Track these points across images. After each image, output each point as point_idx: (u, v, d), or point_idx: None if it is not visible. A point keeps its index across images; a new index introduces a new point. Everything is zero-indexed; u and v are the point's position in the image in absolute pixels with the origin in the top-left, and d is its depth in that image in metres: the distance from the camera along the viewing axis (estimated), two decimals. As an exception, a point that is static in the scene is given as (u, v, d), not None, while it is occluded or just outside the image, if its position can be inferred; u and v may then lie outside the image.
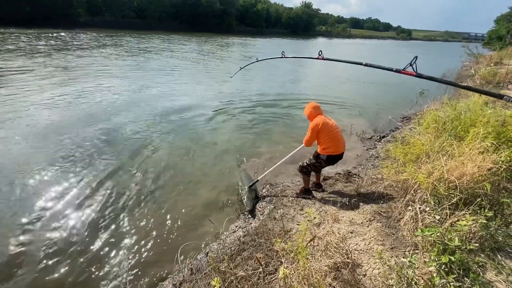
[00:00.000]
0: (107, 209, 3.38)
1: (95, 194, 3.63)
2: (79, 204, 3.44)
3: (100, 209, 3.36)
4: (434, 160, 2.69)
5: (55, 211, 3.30)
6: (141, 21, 46.40)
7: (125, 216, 3.30)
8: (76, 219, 3.19)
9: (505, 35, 23.61)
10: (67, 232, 3.01)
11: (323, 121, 3.15)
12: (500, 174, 2.45)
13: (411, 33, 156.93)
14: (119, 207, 3.43)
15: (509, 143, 2.92)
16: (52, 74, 9.99)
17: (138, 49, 19.48)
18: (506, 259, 1.97)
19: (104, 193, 3.67)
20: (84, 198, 3.54)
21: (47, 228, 3.04)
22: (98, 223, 3.15)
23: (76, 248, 2.81)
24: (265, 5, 69.26)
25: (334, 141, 3.15)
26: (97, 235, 2.99)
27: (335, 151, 3.18)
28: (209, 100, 8.37)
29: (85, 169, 4.17)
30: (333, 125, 3.21)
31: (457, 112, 3.67)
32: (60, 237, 2.93)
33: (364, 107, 8.52)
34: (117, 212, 3.35)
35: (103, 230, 3.06)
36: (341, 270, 2.01)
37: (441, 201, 2.25)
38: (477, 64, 14.60)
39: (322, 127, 3.13)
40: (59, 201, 3.47)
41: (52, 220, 3.15)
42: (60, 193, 3.62)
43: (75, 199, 3.51)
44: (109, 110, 6.81)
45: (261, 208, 3.44)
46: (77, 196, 3.58)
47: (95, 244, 2.87)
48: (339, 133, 3.24)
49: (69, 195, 3.58)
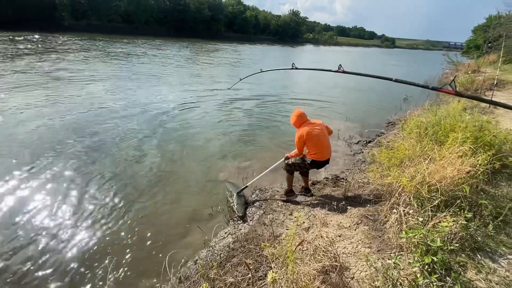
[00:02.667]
0: (91, 219, 3.27)
1: (78, 204, 3.52)
2: (62, 214, 3.32)
3: (84, 219, 3.26)
4: (417, 164, 2.79)
5: (36, 222, 3.17)
6: (128, 25, 45.93)
7: (110, 225, 3.21)
8: (59, 229, 3.07)
9: (482, 44, 24.91)
10: (50, 242, 2.90)
11: (307, 132, 3.25)
12: (478, 176, 2.57)
13: (395, 41, 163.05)
14: (104, 216, 3.33)
15: (486, 147, 3.07)
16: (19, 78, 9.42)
17: (116, 53, 19.12)
18: (485, 258, 2.06)
19: (87, 202, 3.56)
20: (68, 207, 3.43)
21: (28, 239, 2.92)
22: (81, 233, 3.05)
23: (60, 258, 2.71)
24: (253, 12, 70.24)
25: (319, 148, 3.25)
26: (82, 245, 2.90)
27: (320, 158, 3.28)
28: (195, 105, 8.35)
29: (68, 177, 4.05)
30: (318, 134, 3.27)
31: (438, 118, 3.83)
32: (42, 248, 2.82)
33: (351, 113, 8.72)
34: (102, 221, 3.25)
35: (88, 240, 2.97)
36: (329, 273, 2.04)
37: (423, 204, 2.33)
38: (457, 71, 15.30)
39: (306, 137, 3.24)
40: (41, 211, 3.34)
41: (33, 231, 3.03)
42: (42, 203, 3.49)
43: (58, 209, 3.39)
44: (91, 117, 6.65)
45: (250, 213, 3.44)
46: (60, 205, 3.45)
47: (79, 255, 2.78)
48: (325, 141, 3.31)
49: (52, 205, 3.46)
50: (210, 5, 55.89)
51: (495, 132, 3.32)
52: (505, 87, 10.26)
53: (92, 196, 3.68)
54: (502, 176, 3.19)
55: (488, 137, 3.16)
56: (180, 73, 13.82)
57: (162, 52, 22.58)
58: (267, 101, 9.64)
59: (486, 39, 22.36)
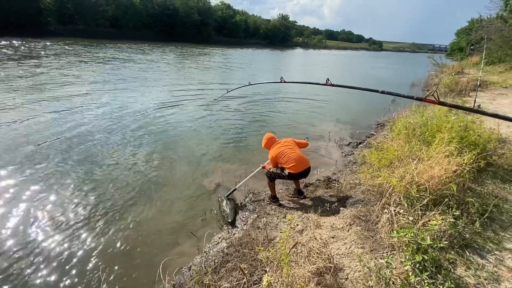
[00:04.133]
0: (81, 229, 3.19)
1: (67, 213, 3.43)
2: (51, 225, 3.23)
3: (75, 229, 3.18)
4: (406, 164, 2.86)
5: (21, 234, 3.08)
6: (116, 30, 45.48)
7: (101, 234, 3.14)
8: (48, 240, 2.99)
9: (465, 46, 25.81)
10: (38, 253, 2.82)
11: (277, 152, 3.46)
12: (464, 175, 2.65)
13: (382, 44, 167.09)
14: (95, 225, 3.26)
15: (471, 147, 3.18)
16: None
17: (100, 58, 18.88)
18: (474, 255, 2.12)
19: (76, 212, 3.47)
20: (56, 218, 3.34)
21: (13, 251, 2.82)
22: (72, 243, 2.98)
23: (51, 269, 2.63)
24: (243, 16, 70.79)
25: (293, 162, 3.33)
26: (73, 255, 2.82)
27: (296, 170, 3.34)
28: (184, 109, 8.32)
29: (55, 186, 3.95)
30: (288, 151, 3.41)
31: (425, 119, 3.93)
32: (30, 260, 2.73)
33: (342, 114, 8.86)
34: (92, 230, 3.18)
35: (79, 250, 2.89)
36: (324, 275, 2.06)
37: (413, 203, 2.38)
38: (442, 73, 15.78)
39: (278, 156, 3.43)
40: (26, 223, 3.24)
41: (18, 244, 2.94)
42: (25, 215, 3.39)
43: (45, 220, 3.30)
44: (76, 122, 6.54)
45: (244, 217, 3.43)
46: (47, 216, 3.36)
47: (70, 265, 2.70)
48: (297, 156, 3.39)
49: (37, 215, 3.36)
50: (200, 9, 56.06)
51: (479, 132, 3.44)
52: (488, 87, 10.62)
53: (81, 205, 3.60)
54: (487, 174, 3.30)
55: (473, 136, 3.27)
56: (167, 77, 13.73)
57: (148, 57, 22.39)
58: (258, 103, 9.68)
59: (468, 42, 23.21)
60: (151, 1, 51.18)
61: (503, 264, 2.02)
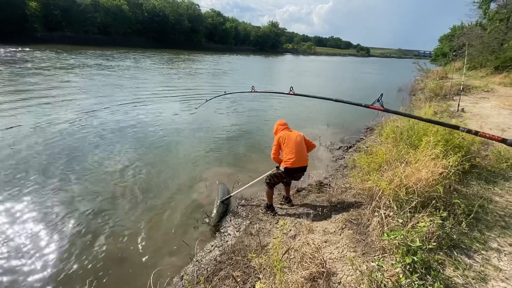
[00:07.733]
0: (70, 240, 3.11)
1: (59, 221, 3.34)
2: (39, 236, 3.13)
3: (63, 239, 3.09)
4: (394, 167, 2.92)
5: (14, 244, 2.97)
6: (105, 37, 45.09)
7: (90, 245, 3.06)
8: (37, 251, 2.89)
9: (448, 52, 26.80)
10: (29, 263, 2.72)
11: (285, 134, 3.37)
12: (450, 177, 2.73)
13: (369, 50, 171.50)
14: (84, 235, 3.18)
15: (456, 149, 3.28)
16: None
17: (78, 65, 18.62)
18: (461, 255, 2.17)
19: (67, 220, 3.38)
20: (46, 225, 3.24)
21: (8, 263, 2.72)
22: (61, 255, 2.89)
23: (40, 281, 2.54)
24: (233, 23, 71.49)
25: (293, 154, 3.26)
26: (62, 267, 2.73)
27: (293, 164, 3.25)
28: (177, 115, 8.28)
29: (48, 194, 3.84)
30: (296, 140, 3.33)
31: (411, 123, 4.03)
32: (22, 271, 2.64)
33: (332, 118, 8.99)
34: (81, 242, 3.10)
35: (68, 262, 2.81)
36: (317, 280, 2.06)
37: (402, 206, 2.43)
38: (427, 78, 16.28)
39: (283, 139, 3.34)
40: (19, 232, 3.13)
41: (12, 256, 2.83)
42: (14, 227, 3.28)
43: (38, 227, 3.20)
44: (65, 131, 6.42)
45: (237, 224, 3.41)
46: (41, 223, 3.27)
47: (60, 277, 2.62)
48: (300, 149, 3.34)
49: (31, 223, 3.26)
50: (190, 16, 56.36)
51: (463, 135, 3.56)
52: (470, 91, 11.02)
53: (69, 215, 3.50)
54: (472, 175, 3.41)
55: (458, 139, 3.38)
56: (155, 83, 13.65)
57: (135, 64, 22.24)
58: (251, 110, 9.72)
59: (451, 48, 24.13)
60: (140, 8, 51.14)
61: (490, 263, 2.08)
